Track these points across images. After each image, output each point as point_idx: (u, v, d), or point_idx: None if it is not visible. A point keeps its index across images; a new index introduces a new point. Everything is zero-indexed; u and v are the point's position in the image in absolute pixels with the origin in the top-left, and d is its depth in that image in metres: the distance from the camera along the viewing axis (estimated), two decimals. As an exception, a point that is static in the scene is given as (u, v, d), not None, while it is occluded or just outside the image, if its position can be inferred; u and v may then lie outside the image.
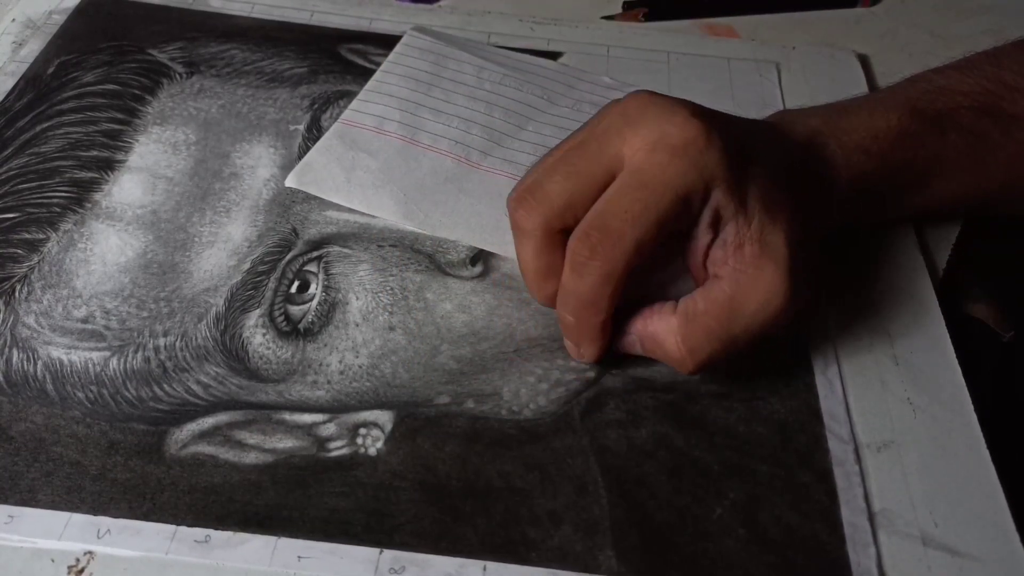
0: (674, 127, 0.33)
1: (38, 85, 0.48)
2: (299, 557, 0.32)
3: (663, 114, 0.34)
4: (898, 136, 0.39)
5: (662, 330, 0.35)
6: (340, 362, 0.37)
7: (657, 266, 0.36)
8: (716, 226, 0.34)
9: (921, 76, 0.43)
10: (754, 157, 0.35)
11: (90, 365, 0.36)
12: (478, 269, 0.41)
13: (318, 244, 0.41)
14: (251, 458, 0.34)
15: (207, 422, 0.35)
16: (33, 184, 0.42)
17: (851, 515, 0.34)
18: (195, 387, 0.36)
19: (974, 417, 0.36)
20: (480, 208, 0.42)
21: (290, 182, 0.43)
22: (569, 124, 0.46)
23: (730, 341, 0.34)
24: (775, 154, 0.36)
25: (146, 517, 0.32)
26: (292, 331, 0.38)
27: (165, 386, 0.36)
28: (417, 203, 0.42)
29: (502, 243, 0.41)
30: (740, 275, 0.34)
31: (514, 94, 0.48)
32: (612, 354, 0.37)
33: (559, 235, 0.35)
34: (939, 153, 0.40)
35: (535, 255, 0.35)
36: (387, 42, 0.51)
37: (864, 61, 0.53)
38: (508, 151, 0.45)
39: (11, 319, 0.37)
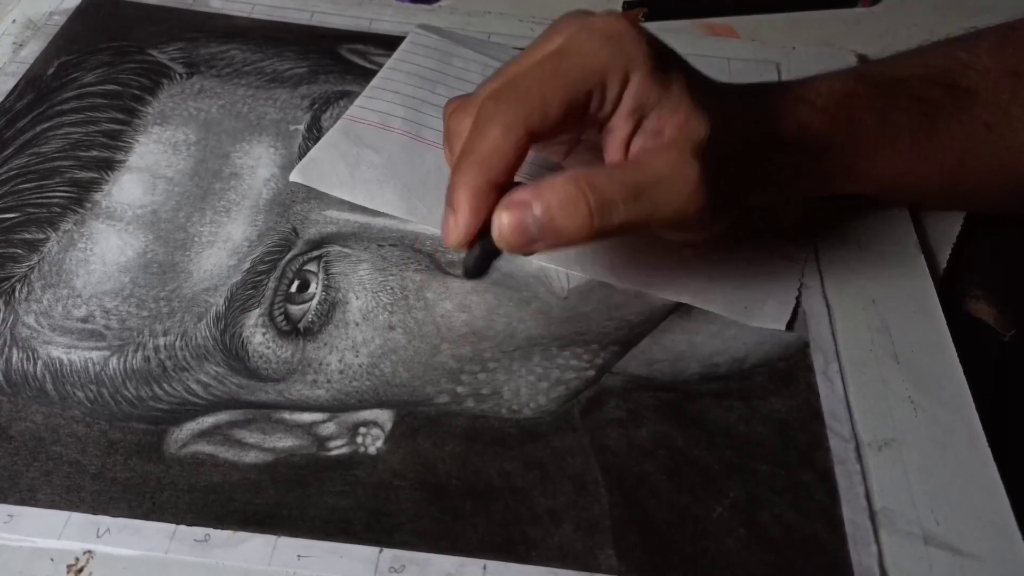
0: (600, 19, 0.34)
1: (38, 85, 0.48)
2: (299, 556, 0.31)
3: (593, 13, 0.35)
4: (845, 95, 0.39)
5: (559, 179, 0.32)
6: (340, 361, 0.37)
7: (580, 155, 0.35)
8: (638, 115, 0.33)
9: (877, 59, 0.43)
10: (682, 67, 0.35)
11: (90, 364, 0.36)
12: (478, 268, 0.41)
13: (318, 243, 0.41)
14: (251, 457, 0.34)
15: (207, 421, 0.35)
16: (33, 184, 0.42)
17: (852, 514, 0.33)
18: (195, 386, 0.36)
19: (975, 416, 0.36)
20: None
21: (295, 177, 0.43)
22: None
23: (634, 192, 0.32)
24: (708, 81, 0.36)
25: (146, 516, 0.32)
26: (292, 330, 0.38)
27: (165, 385, 0.36)
28: (420, 199, 0.43)
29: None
30: (652, 147, 0.33)
31: None
32: (489, 262, 0.34)
33: (526, 137, 0.33)
34: (888, 117, 0.40)
35: (498, 150, 0.32)
36: (387, 42, 0.52)
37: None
38: None
39: (11, 319, 0.37)
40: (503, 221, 0.32)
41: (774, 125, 0.38)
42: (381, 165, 0.44)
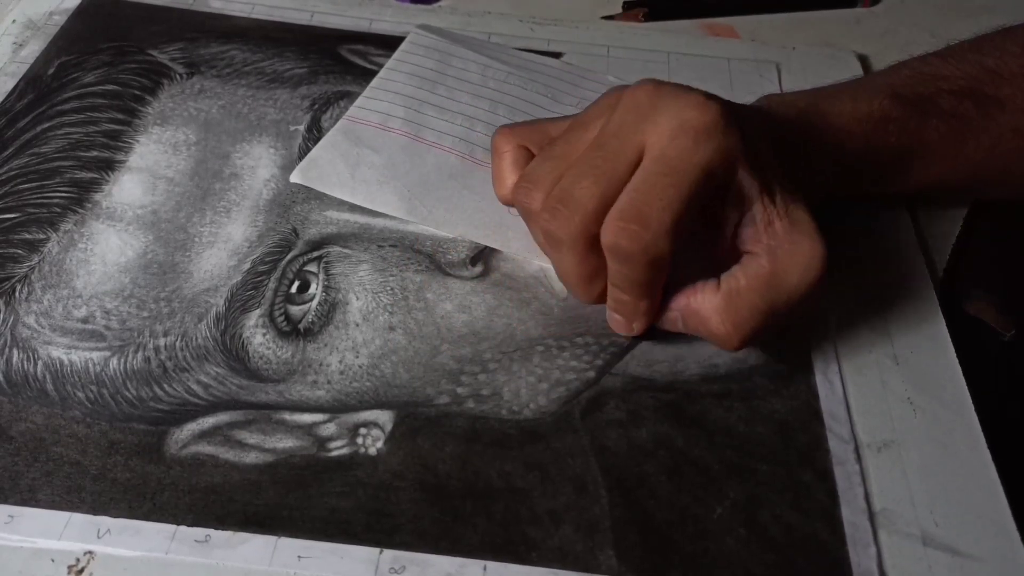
0: (693, 111, 0.33)
1: (38, 86, 0.48)
2: (299, 557, 0.32)
3: (678, 100, 0.34)
4: (880, 120, 0.40)
5: (706, 308, 0.35)
6: (340, 362, 0.37)
7: (690, 244, 0.36)
8: (740, 205, 0.34)
9: (904, 63, 0.43)
10: (760, 137, 0.35)
11: (90, 365, 0.36)
12: (478, 269, 0.41)
13: (318, 244, 0.41)
14: (251, 458, 0.34)
15: (207, 422, 0.35)
16: (33, 184, 0.42)
17: (851, 515, 0.34)
18: (195, 387, 0.36)
19: (974, 416, 0.36)
20: (483, 205, 0.42)
21: (295, 178, 0.43)
22: None
23: (772, 314, 0.35)
24: (771, 134, 0.37)
25: (146, 517, 0.32)
26: (292, 331, 0.38)
27: (165, 386, 0.36)
28: (421, 199, 0.43)
29: (505, 240, 0.41)
30: (777, 250, 0.34)
31: (519, 92, 0.48)
32: (655, 329, 0.37)
33: (596, 238, 0.34)
34: (921, 137, 0.41)
35: (578, 263, 0.35)
36: (387, 43, 0.52)
37: (864, 61, 0.53)
38: None
39: (11, 319, 0.38)
40: (660, 322, 0.37)
41: (817, 161, 0.39)
42: (381, 166, 0.44)
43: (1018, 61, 0.42)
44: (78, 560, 0.31)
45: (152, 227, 0.41)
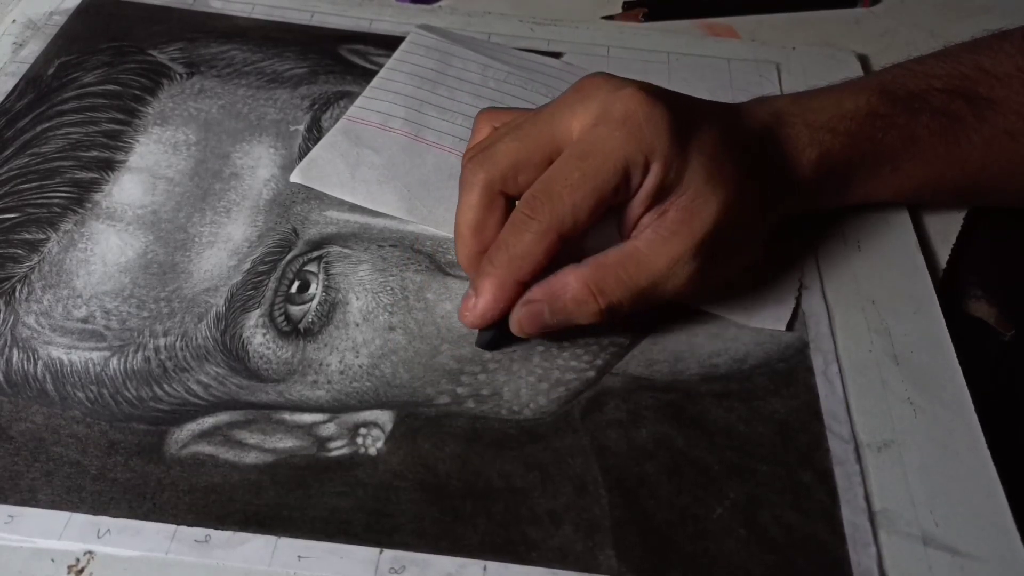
0: (618, 101, 0.34)
1: (39, 86, 0.48)
2: (299, 557, 0.31)
3: (611, 90, 0.35)
4: (867, 116, 0.40)
5: (570, 278, 0.35)
6: (340, 362, 0.37)
7: (589, 242, 0.36)
8: (654, 201, 0.35)
9: (898, 64, 0.43)
10: (701, 134, 0.35)
11: (90, 365, 0.36)
12: (478, 269, 0.41)
13: (318, 244, 0.41)
14: (251, 458, 0.34)
15: (207, 422, 0.35)
16: (33, 184, 0.42)
17: (852, 515, 0.34)
18: (195, 387, 0.36)
19: (974, 416, 0.36)
20: None
21: (295, 178, 0.43)
22: None
23: (637, 292, 0.35)
24: (731, 134, 0.37)
25: (146, 517, 0.32)
26: (292, 331, 0.38)
27: (165, 386, 0.36)
28: (421, 199, 0.43)
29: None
30: (654, 236, 0.35)
31: (519, 92, 0.49)
32: (506, 341, 0.37)
33: (499, 196, 0.36)
34: (911, 133, 0.40)
35: (472, 207, 0.36)
36: (387, 43, 0.52)
37: (864, 61, 0.53)
38: None
39: (11, 319, 0.37)
40: (521, 316, 0.36)
41: (796, 154, 0.39)
42: (381, 165, 0.44)
43: (1013, 62, 0.41)
44: (78, 560, 0.31)
45: (152, 227, 0.41)
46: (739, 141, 0.37)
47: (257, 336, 0.37)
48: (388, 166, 0.44)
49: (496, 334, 0.37)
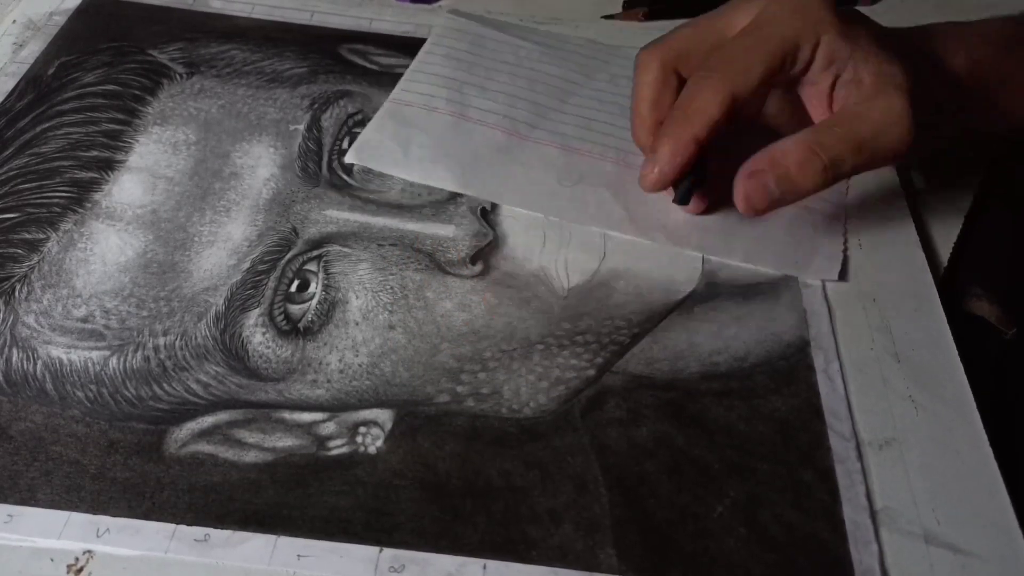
0: None
1: (39, 86, 0.48)
2: (299, 556, 0.31)
3: None
4: (1016, 31, 0.42)
5: (789, 144, 0.37)
6: (340, 361, 0.37)
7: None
8: (833, 68, 0.38)
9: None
10: (860, 17, 0.39)
11: (90, 364, 0.36)
12: (478, 268, 0.41)
13: (318, 243, 0.41)
14: (251, 457, 0.34)
15: (207, 421, 0.35)
16: (33, 184, 0.42)
17: (853, 513, 0.33)
18: (195, 386, 0.36)
19: (976, 414, 0.36)
20: (534, 176, 0.44)
21: (349, 158, 0.45)
22: (609, 97, 0.49)
23: (858, 144, 0.37)
24: (903, 42, 0.39)
25: (145, 516, 0.32)
26: (292, 330, 0.38)
27: (165, 385, 0.36)
28: (474, 173, 0.44)
29: (559, 209, 0.43)
30: (861, 97, 0.37)
31: (553, 70, 0.50)
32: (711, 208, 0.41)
33: (673, 75, 0.39)
34: None
35: (648, 85, 0.39)
36: (387, 42, 0.52)
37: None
38: (554, 123, 0.47)
39: (11, 319, 0.37)
40: (748, 189, 0.38)
41: (950, 59, 0.40)
42: (431, 144, 0.45)
43: None
44: (77, 559, 0.31)
45: (152, 226, 0.41)
46: (902, 39, 0.39)
47: (257, 335, 0.37)
48: (438, 144, 0.45)
49: (689, 185, 0.39)
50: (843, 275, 0.41)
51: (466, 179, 0.44)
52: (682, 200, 0.40)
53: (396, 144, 0.45)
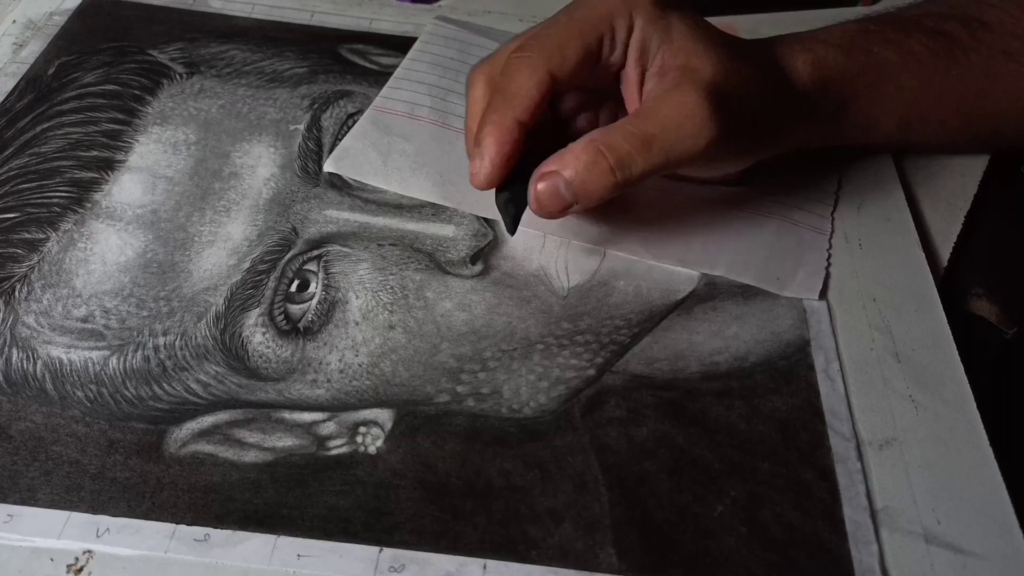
0: None
1: (39, 86, 0.48)
2: (299, 555, 0.31)
3: None
4: (859, 31, 0.41)
5: (578, 146, 0.36)
6: (340, 361, 0.37)
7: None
8: (644, 59, 0.36)
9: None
10: (682, 7, 0.37)
11: (90, 364, 0.36)
12: (478, 268, 0.41)
13: (318, 243, 0.41)
14: (251, 457, 0.34)
15: (207, 421, 0.35)
16: (33, 184, 0.42)
17: (853, 513, 0.33)
18: (195, 386, 0.36)
19: (976, 414, 0.36)
20: None
21: (328, 167, 0.44)
22: None
23: (646, 141, 0.35)
24: (727, 40, 0.38)
25: (145, 516, 0.32)
26: (292, 330, 0.38)
27: (165, 385, 0.36)
28: (454, 184, 0.43)
29: (540, 223, 0.41)
30: (658, 91, 0.36)
31: None
32: (534, 219, 0.38)
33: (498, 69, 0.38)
34: (907, 48, 0.41)
35: (477, 100, 0.38)
36: (387, 42, 0.52)
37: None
38: None
39: (11, 318, 0.37)
40: (539, 190, 0.36)
41: (789, 63, 0.39)
42: (413, 153, 0.45)
43: None
44: (77, 559, 0.31)
45: (152, 226, 0.41)
46: (726, 38, 0.38)
47: (256, 335, 0.37)
48: (419, 153, 0.45)
49: (517, 214, 0.37)
50: (823, 294, 0.40)
51: (446, 190, 0.43)
52: (511, 227, 0.38)
53: (377, 153, 0.44)
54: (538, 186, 0.36)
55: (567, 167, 0.35)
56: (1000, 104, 0.42)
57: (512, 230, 0.38)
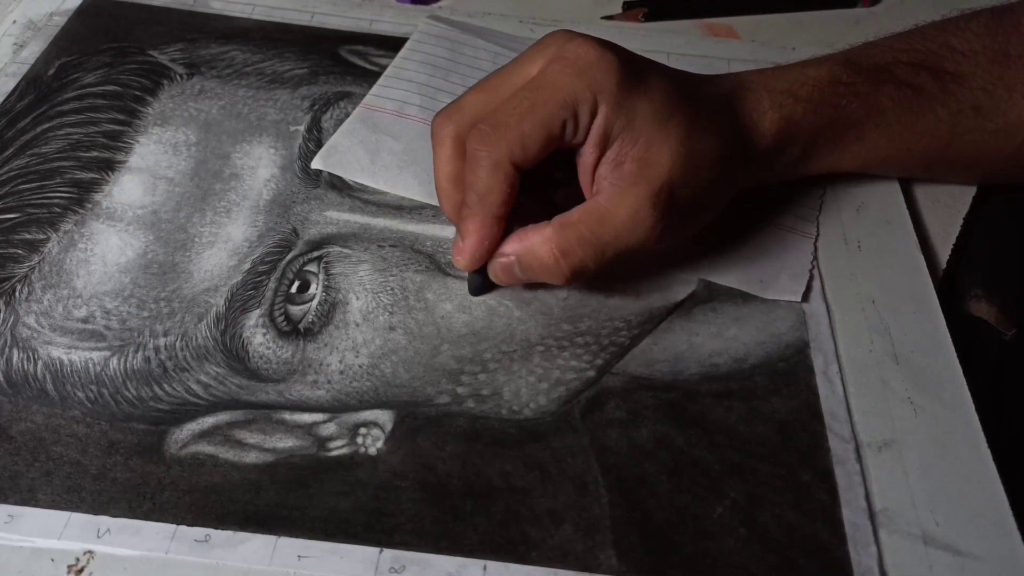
0: (572, 45, 0.35)
1: (39, 86, 0.48)
2: (299, 556, 0.31)
3: (568, 39, 0.36)
4: (830, 83, 0.40)
5: (536, 241, 0.36)
6: (340, 362, 0.37)
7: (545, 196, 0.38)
8: (604, 144, 0.35)
9: (868, 42, 0.44)
10: (650, 84, 0.36)
11: (90, 365, 0.36)
12: (478, 269, 0.41)
13: (318, 244, 0.41)
14: (251, 457, 0.34)
15: (207, 421, 0.35)
16: (34, 184, 0.42)
17: (852, 514, 0.33)
18: (195, 387, 0.36)
19: (975, 416, 0.36)
20: None
21: (316, 164, 0.44)
22: None
23: (600, 249, 0.35)
24: (683, 89, 0.37)
25: (146, 516, 0.32)
26: (292, 331, 0.38)
27: (165, 386, 0.36)
28: None
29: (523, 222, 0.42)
30: (614, 189, 0.35)
31: None
32: (492, 287, 0.39)
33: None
34: (875, 103, 0.41)
35: (446, 161, 0.37)
36: (387, 43, 0.52)
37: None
38: None
39: (11, 319, 0.38)
40: (496, 268, 0.37)
41: (756, 120, 0.39)
42: (400, 152, 0.44)
43: (980, 41, 0.41)
44: (78, 560, 0.31)
45: (152, 227, 0.41)
46: (691, 96, 0.37)
47: (257, 336, 0.37)
48: (407, 152, 0.45)
49: (482, 281, 0.38)
50: (805, 296, 0.40)
51: (431, 189, 0.42)
52: (474, 292, 0.39)
53: (364, 151, 0.44)
54: (496, 267, 0.37)
55: (522, 261, 0.36)
56: (964, 157, 0.42)
57: (476, 293, 0.39)
